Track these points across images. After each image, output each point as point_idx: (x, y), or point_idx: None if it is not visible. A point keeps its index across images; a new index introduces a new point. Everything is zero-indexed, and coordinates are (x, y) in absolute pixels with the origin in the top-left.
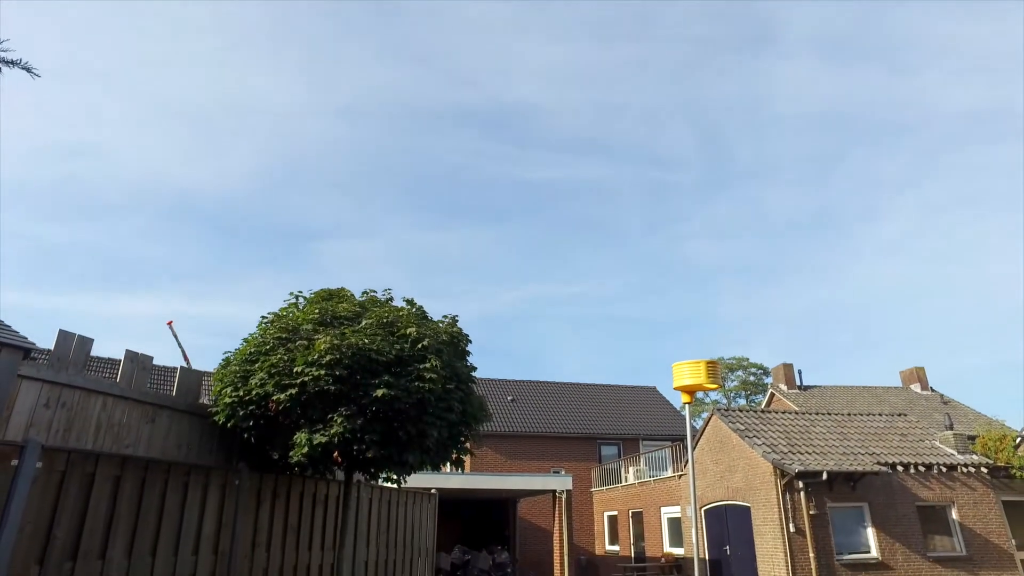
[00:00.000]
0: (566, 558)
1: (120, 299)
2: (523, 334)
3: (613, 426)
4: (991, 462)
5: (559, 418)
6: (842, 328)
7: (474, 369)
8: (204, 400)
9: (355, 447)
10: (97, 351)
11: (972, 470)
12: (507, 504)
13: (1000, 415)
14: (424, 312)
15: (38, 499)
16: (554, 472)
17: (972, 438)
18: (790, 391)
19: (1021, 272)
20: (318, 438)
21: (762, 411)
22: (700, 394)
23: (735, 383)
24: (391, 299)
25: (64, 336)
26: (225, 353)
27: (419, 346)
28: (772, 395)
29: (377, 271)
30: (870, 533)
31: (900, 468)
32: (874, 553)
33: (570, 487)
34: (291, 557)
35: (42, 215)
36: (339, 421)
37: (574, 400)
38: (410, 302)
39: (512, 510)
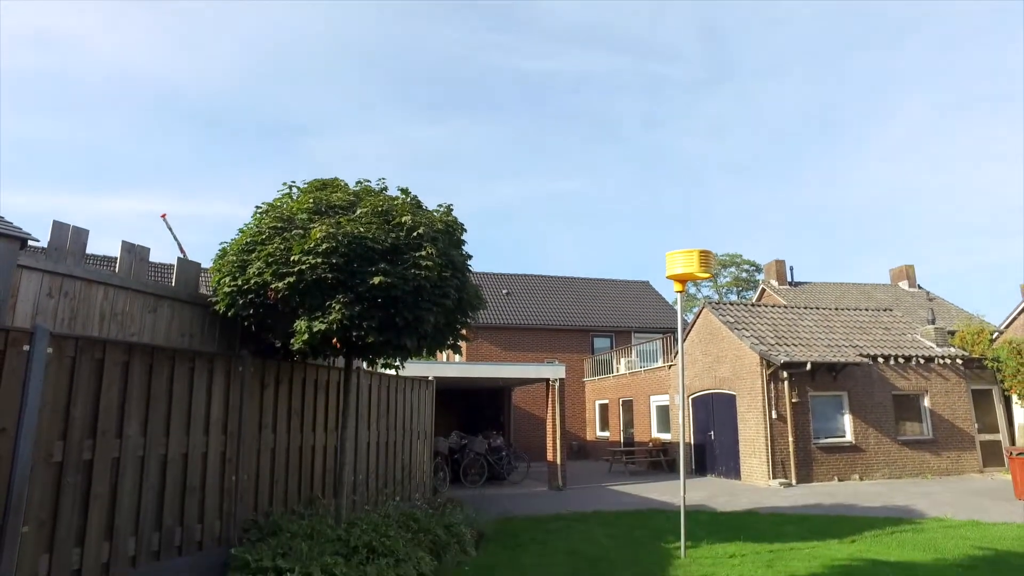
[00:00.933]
0: (558, 443)
1: (107, 199)
2: (519, 229)
3: (606, 319)
4: (967, 354)
5: (554, 311)
6: (838, 229)
7: (469, 258)
8: (203, 291)
9: (354, 333)
10: (91, 249)
11: (948, 362)
12: (502, 393)
13: (982, 311)
14: (419, 201)
15: (53, 383)
16: (548, 363)
17: (952, 332)
18: (781, 287)
19: (1019, 175)
20: (317, 325)
21: (752, 305)
22: (692, 290)
23: (727, 279)
24: (385, 188)
25: (59, 227)
26: (221, 244)
27: (414, 234)
28: (763, 291)
29: (372, 167)
30: (847, 419)
31: (881, 360)
32: (848, 437)
33: (563, 376)
34: (296, 438)
35: (19, 108)
36: (337, 308)
37: (569, 293)
38: (404, 191)
39: (507, 398)
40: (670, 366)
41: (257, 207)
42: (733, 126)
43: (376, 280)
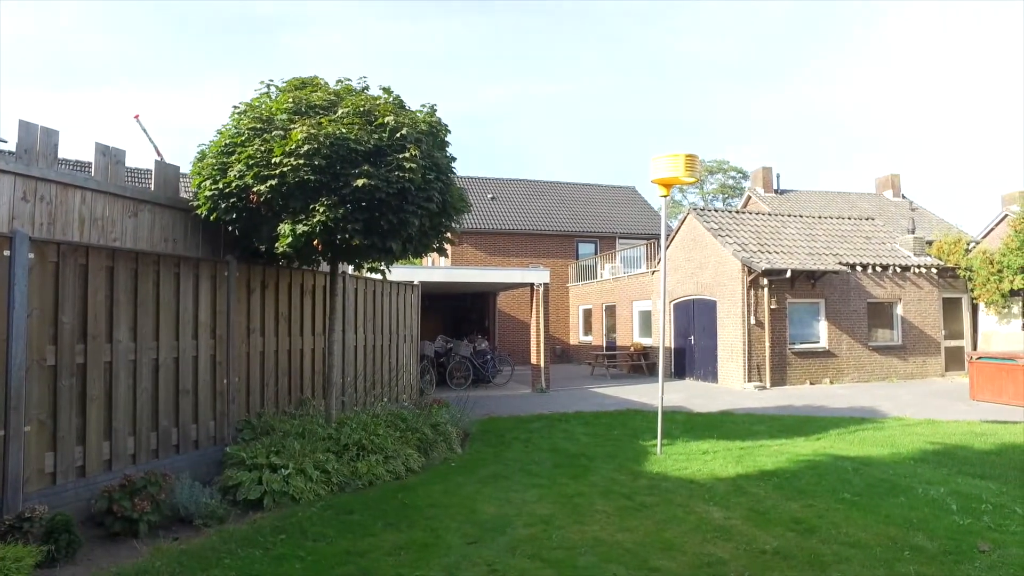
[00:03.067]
0: (542, 346)
1: (72, 99)
2: (506, 133)
3: (591, 224)
4: (942, 263)
5: (539, 216)
6: (827, 136)
7: (453, 160)
8: (184, 195)
9: (338, 236)
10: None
11: (923, 271)
12: (487, 297)
13: (961, 222)
14: (402, 101)
15: (38, 288)
16: (532, 267)
17: (930, 242)
18: (766, 194)
19: (1013, 81)
20: (301, 228)
21: (736, 212)
22: (678, 196)
23: (714, 186)
24: (367, 88)
25: (27, 127)
26: (200, 146)
27: (398, 135)
28: (748, 198)
29: (353, 67)
30: (822, 326)
31: (859, 268)
32: (823, 343)
33: (547, 281)
34: (284, 342)
35: None
36: (321, 211)
37: (554, 199)
38: (387, 90)
39: (492, 303)
40: (653, 272)
41: (235, 107)
42: (726, 27)
43: (360, 182)
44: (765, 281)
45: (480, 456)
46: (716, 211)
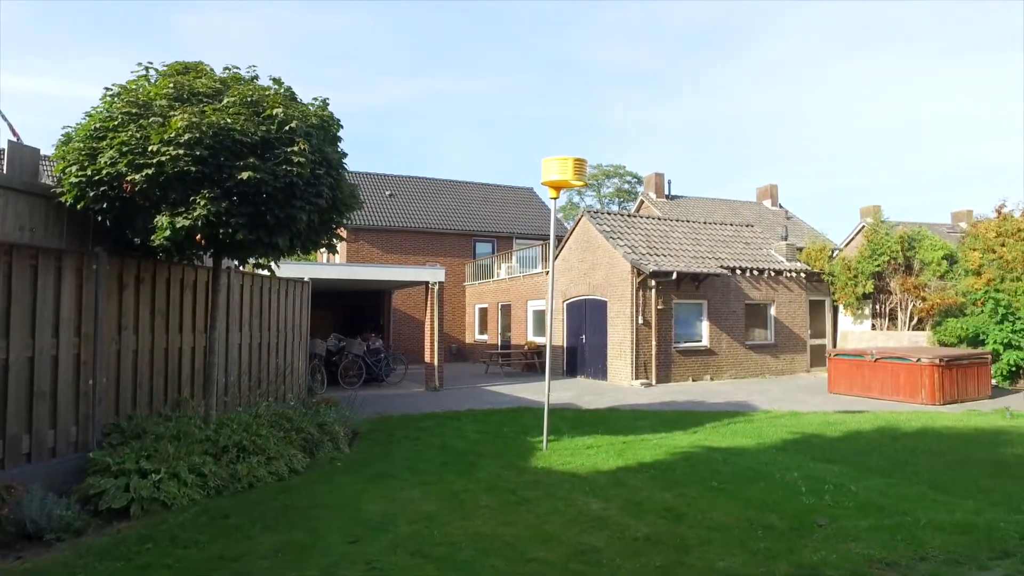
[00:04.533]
0: (436, 345)
1: None
2: (407, 130)
3: (489, 224)
4: (810, 268)
5: (437, 214)
6: (717, 145)
7: (345, 156)
8: (46, 181)
9: (221, 230)
10: None
11: (794, 275)
12: (382, 295)
13: (828, 231)
14: (293, 93)
15: None
16: (429, 266)
17: (800, 249)
18: (658, 199)
19: (884, 105)
20: (181, 221)
21: (628, 216)
22: (576, 199)
23: (611, 190)
24: (256, 78)
25: None
26: (65, 128)
27: (287, 128)
28: (642, 202)
29: (252, 55)
30: (705, 325)
31: (738, 271)
32: (705, 342)
33: (442, 279)
34: (161, 339)
35: None
36: (203, 204)
37: (453, 197)
38: (277, 81)
39: (387, 301)
40: (548, 272)
41: (107, 89)
42: (629, 37)
43: (245, 175)
44: (653, 282)
45: (368, 455)
46: (609, 214)
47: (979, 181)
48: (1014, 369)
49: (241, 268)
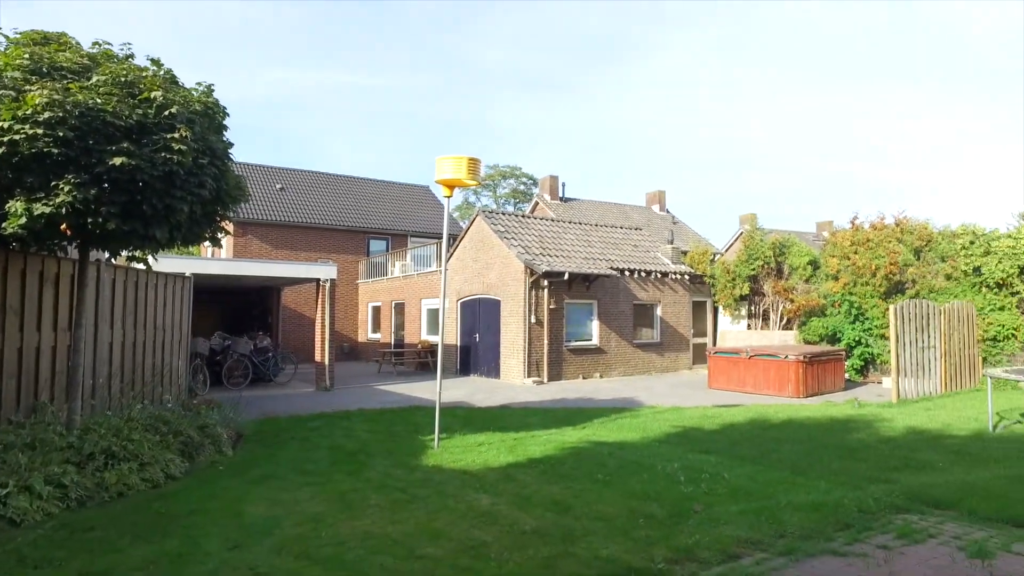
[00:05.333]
0: (328, 344)
1: None
2: (300, 123)
3: (384, 221)
4: (693, 271)
5: (330, 210)
6: (610, 149)
7: (231, 145)
8: None
9: (90, 220)
10: None
11: (678, 277)
12: (271, 292)
13: (711, 236)
14: (174, 77)
15: None
16: (321, 262)
17: (684, 252)
18: (552, 201)
19: (761, 120)
20: (40, 208)
21: (522, 216)
22: (472, 198)
23: (507, 190)
24: (131, 56)
25: None
26: None
27: (167, 113)
28: (536, 203)
29: (128, 34)
30: (595, 325)
31: (627, 273)
32: (595, 341)
33: (334, 276)
34: (14, 338)
35: None
36: (67, 190)
37: (347, 193)
38: (156, 63)
39: (276, 298)
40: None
41: None
42: (529, 40)
43: (117, 161)
44: (546, 282)
45: (252, 457)
46: (504, 214)
47: (840, 193)
48: (864, 364)
49: (113, 261)
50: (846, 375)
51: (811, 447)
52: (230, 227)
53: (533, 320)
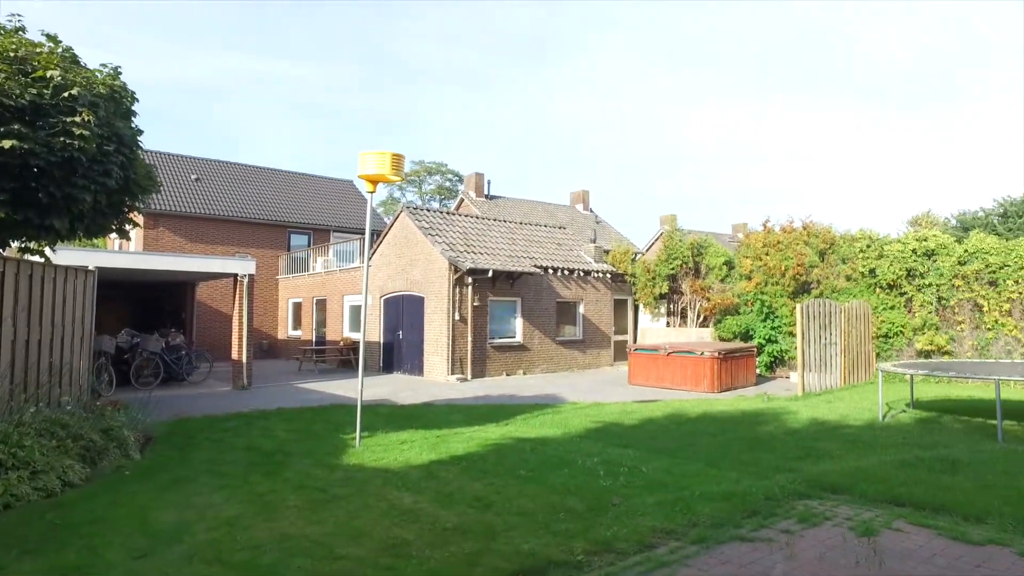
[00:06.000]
0: (245, 341)
1: None
2: (218, 111)
3: (306, 216)
4: (615, 270)
5: (250, 203)
6: (536, 148)
7: (140, 132)
8: None
9: None
10: None
11: (601, 275)
12: (185, 287)
13: (632, 236)
14: (75, 56)
15: None
16: (239, 257)
17: (607, 251)
18: (478, 199)
19: (682, 125)
20: None
21: (447, 213)
22: (396, 194)
23: (432, 187)
24: (21, 29)
25: None
26: None
27: (66, 95)
28: (462, 200)
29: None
30: (519, 322)
31: (551, 271)
32: (518, 338)
33: (253, 271)
34: None
35: None
36: None
37: (267, 186)
38: (52, 39)
39: (190, 294)
40: (365, 267)
41: None
42: (456, 36)
43: (7, 144)
44: (470, 280)
45: (162, 461)
46: (429, 211)
47: (756, 197)
48: (773, 360)
49: (2, 252)
50: (757, 371)
51: (724, 440)
52: (139, 219)
53: (457, 317)
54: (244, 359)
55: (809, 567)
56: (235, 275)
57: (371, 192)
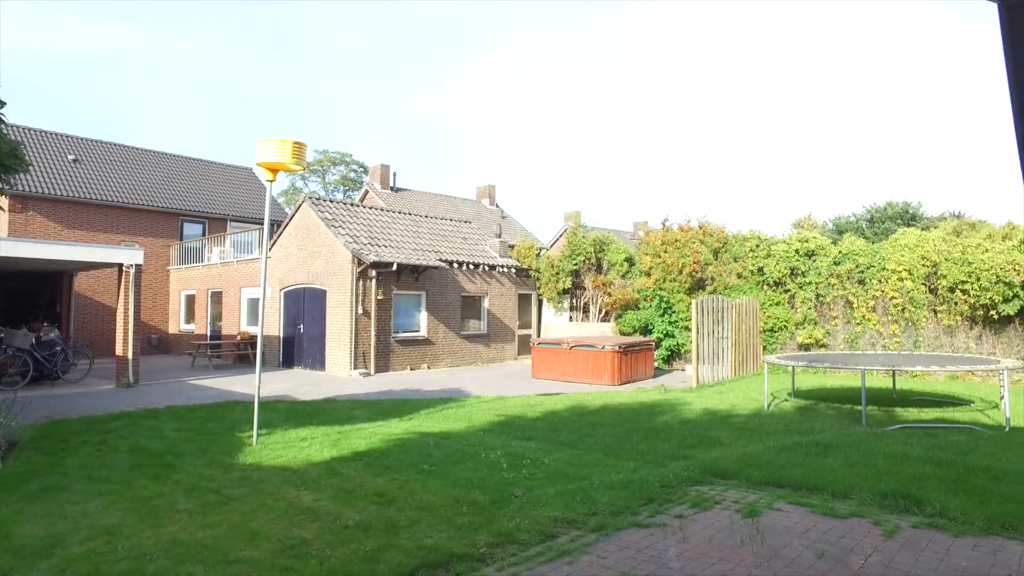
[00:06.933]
0: (131, 336)
1: None
2: (101, 86)
3: (200, 203)
4: (520, 265)
5: (137, 188)
6: (443, 141)
7: (3, 104)
8: None
9: None
10: None
11: (505, 270)
12: (61, 278)
13: (537, 231)
14: None
15: None
16: (124, 245)
17: (512, 247)
18: (383, 191)
19: (589, 123)
20: None
21: (350, 204)
22: (299, 183)
23: (336, 177)
24: None
25: None
26: None
27: None
28: (367, 192)
29: None
30: (423, 316)
31: (456, 265)
32: (423, 332)
33: (140, 261)
34: None
35: None
36: None
37: (157, 170)
38: None
39: (67, 285)
40: (263, 258)
41: None
42: (365, 25)
43: None
44: (373, 273)
45: (30, 468)
46: (331, 202)
47: (656, 194)
48: (670, 353)
49: None
50: (656, 363)
51: (623, 430)
52: (4, 201)
53: (360, 311)
54: (130, 355)
55: (700, 549)
56: (120, 265)
57: (271, 181)
